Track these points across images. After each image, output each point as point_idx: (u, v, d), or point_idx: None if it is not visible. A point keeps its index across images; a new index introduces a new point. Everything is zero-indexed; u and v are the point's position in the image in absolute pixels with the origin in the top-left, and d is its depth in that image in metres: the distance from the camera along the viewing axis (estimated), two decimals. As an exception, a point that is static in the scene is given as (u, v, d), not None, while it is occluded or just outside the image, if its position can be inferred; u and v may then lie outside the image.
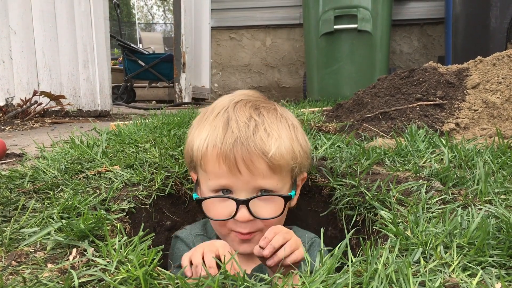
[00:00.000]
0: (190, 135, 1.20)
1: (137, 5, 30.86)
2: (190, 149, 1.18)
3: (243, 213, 1.07)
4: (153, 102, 8.55)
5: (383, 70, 5.21)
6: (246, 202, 1.07)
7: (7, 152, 2.02)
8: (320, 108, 3.41)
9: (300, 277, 0.76)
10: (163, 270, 0.79)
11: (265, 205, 1.11)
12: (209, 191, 1.13)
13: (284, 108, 1.25)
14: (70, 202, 1.10)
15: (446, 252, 0.84)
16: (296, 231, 1.20)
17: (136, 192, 1.35)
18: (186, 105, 5.89)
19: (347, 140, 2.01)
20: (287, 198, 1.12)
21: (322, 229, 0.97)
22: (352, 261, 0.81)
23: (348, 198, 1.37)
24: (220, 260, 0.86)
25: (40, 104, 3.85)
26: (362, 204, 1.32)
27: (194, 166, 1.20)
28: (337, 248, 0.83)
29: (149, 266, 0.77)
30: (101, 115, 4.66)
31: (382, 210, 1.16)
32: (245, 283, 0.74)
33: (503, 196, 1.14)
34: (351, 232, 0.96)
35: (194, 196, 1.17)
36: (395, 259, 0.82)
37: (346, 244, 0.85)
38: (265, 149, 1.07)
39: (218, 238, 1.20)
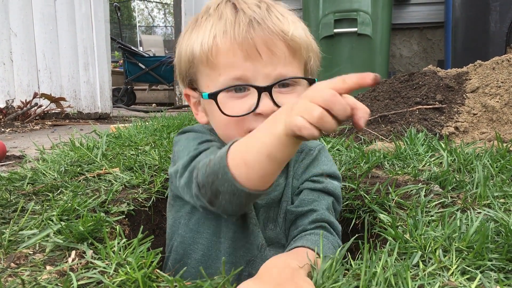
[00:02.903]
0: (183, 43, 1.03)
1: (137, 8, 30.95)
2: (188, 53, 1.00)
3: (266, 103, 0.92)
4: (153, 104, 8.57)
5: (382, 74, 5.22)
6: (268, 89, 0.92)
7: (7, 154, 2.02)
8: (320, 112, 3.40)
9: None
10: (162, 272, 0.79)
11: (288, 96, 0.96)
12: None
13: None
14: (69, 204, 1.10)
15: (445, 256, 0.84)
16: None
17: (135, 194, 1.35)
18: (186, 108, 5.90)
19: (347, 143, 2.01)
20: (311, 82, 0.99)
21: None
22: (351, 265, 0.81)
23: (347, 202, 1.37)
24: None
25: (41, 106, 3.86)
26: (361, 207, 1.32)
27: (192, 77, 1.04)
28: (338, 251, 0.82)
29: (148, 268, 0.77)
30: (101, 118, 4.67)
31: (381, 213, 1.16)
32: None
33: (502, 200, 1.14)
34: (352, 239, 0.96)
35: (205, 95, 0.97)
36: (394, 262, 0.82)
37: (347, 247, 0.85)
38: (284, 28, 0.94)
39: None
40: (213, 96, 0.95)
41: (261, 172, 0.76)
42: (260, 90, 0.92)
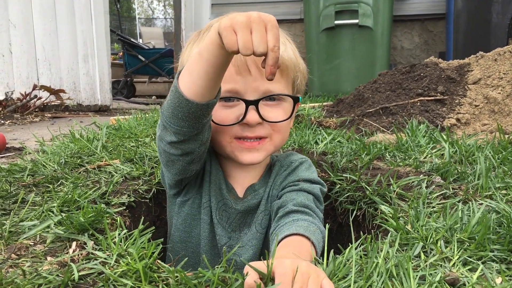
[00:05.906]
0: (186, 54, 1.14)
1: (137, -1, 30.75)
2: None
3: (252, 115, 1.03)
4: (153, 97, 8.53)
5: (383, 66, 5.19)
6: (255, 103, 1.03)
7: (7, 146, 2.02)
8: (321, 103, 3.40)
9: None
10: (162, 263, 0.79)
11: (273, 109, 1.07)
12: None
13: None
14: (70, 196, 1.10)
15: (446, 247, 0.84)
16: (290, 154, 1.25)
17: (136, 186, 1.35)
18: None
19: (348, 135, 2.01)
20: (295, 99, 1.10)
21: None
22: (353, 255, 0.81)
23: (348, 193, 1.37)
24: None
25: (40, 98, 3.85)
26: (362, 198, 1.32)
27: None
28: (347, 250, 0.82)
29: (149, 259, 0.77)
30: (101, 110, 4.65)
31: (383, 204, 1.16)
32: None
33: (503, 191, 1.14)
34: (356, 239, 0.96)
35: None
36: (396, 253, 0.82)
37: (351, 239, 0.85)
38: None
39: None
40: None
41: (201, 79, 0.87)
42: (248, 103, 1.03)
